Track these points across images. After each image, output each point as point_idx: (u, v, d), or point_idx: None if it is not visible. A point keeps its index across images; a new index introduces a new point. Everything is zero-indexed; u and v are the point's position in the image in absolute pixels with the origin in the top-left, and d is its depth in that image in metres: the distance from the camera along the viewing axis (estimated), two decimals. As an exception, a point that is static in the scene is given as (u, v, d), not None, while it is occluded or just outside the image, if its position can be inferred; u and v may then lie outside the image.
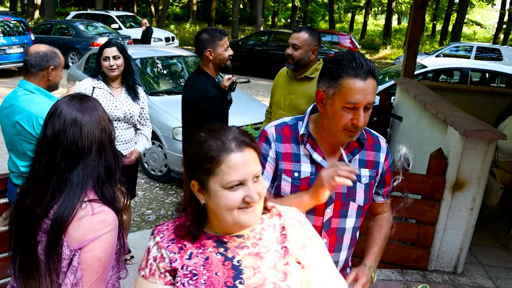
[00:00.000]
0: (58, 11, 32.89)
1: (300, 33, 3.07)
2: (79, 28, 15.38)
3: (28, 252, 1.44)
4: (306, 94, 3.08)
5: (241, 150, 1.22)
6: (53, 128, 1.43)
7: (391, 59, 22.65)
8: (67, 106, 1.45)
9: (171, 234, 1.31)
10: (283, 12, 40.34)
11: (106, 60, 3.34)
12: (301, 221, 1.40)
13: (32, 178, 1.45)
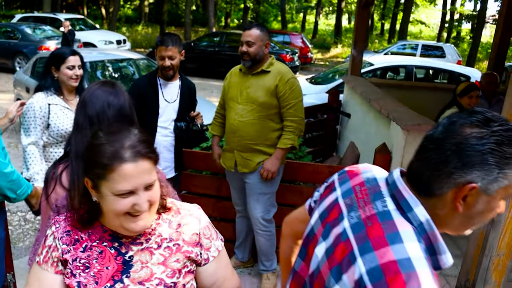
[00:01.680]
0: (3, 14, 31.65)
1: (252, 30, 3.20)
2: (26, 31, 14.87)
3: None
4: (264, 87, 3.19)
5: (135, 161, 1.20)
6: (94, 108, 1.65)
7: (342, 57, 23.17)
8: (102, 91, 1.68)
9: (68, 226, 1.34)
10: (236, 13, 40.45)
11: (71, 69, 3.08)
12: (200, 218, 1.42)
13: None
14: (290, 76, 3.22)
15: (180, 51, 3.29)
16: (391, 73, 8.91)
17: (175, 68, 3.31)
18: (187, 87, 3.48)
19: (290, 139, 3.22)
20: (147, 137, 1.28)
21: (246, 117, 3.24)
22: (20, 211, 5.25)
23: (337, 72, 9.24)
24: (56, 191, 1.67)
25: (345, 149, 5.40)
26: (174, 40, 3.23)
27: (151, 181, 1.24)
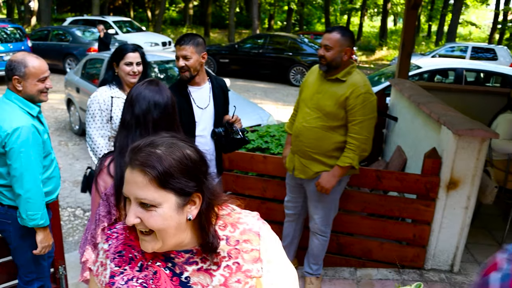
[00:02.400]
0: (55, 17, 32.88)
1: (332, 34, 3.01)
2: (76, 34, 15.41)
3: None
4: (335, 96, 3.02)
5: (131, 167, 1.15)
6: (141, 107, 1.73)
7: (387, 60, 22.74)
8: (148, 90, 1.76)
9: (120, 245, 1.27)
10: (279, 15, 40.43)
11: (129, 66, 3.14)
12: (259, 231, 1.31)
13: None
14: (364, 90, 2.98)
15: (198, 51, 2.96)
16: (439, 76, 8.65)
17: (192, 70, 2.97)
18: (219, 88, 3.22)
19: (349, 157, 3.04)
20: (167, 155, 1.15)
21: (310, 123, 3.12)
22: (70, 207, 5.43)
23: (383, 75, 9.07)
24: (104, 180, 1.77)
25: (391, 153, 5.28)
26: (190, 39, 2.95)
27: (142, 197, 1.13)
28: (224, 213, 1.31)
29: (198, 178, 1.18)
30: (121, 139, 1.77)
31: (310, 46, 14.93)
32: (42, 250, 2.70)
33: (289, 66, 14.50)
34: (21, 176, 2.49)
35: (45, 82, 2.60)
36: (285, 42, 15.27)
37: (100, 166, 1.81)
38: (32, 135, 2.50)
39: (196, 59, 2.95)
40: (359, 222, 3.77)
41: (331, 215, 3.39)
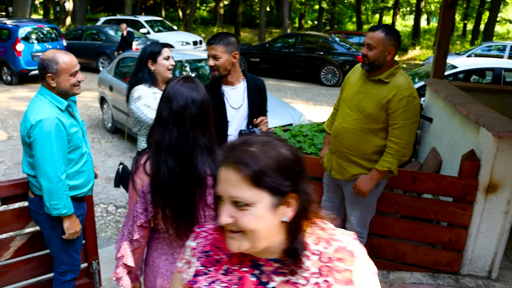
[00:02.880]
0: (88, 17, 33.60)
1: (375, 32, 2.89)
2: (109, 33, 15.69)
3: (187, 204, 1.78)
4: (376, 98, 2.91)
5: (225, 166, 1.12)
6: (178, 104, 1.76)
7: (420, 60, 22.32)
8: (185, 87, 1.79)
9: (208, 245, 1.26)
10: (310, 14, 40.23)
11: (168, 60, 3.25)
12: (354, 251, 1.21)
13: (169, 146, 1.76)
14: (407, 94, 2.85)
15: (229, 51, 2.89)
16: (475, 76, 8.41)
17: (221, 69, 2.91)
18: (255, 87, 3.12)
19: (388, 162, 2.93)
20: (262, 153, 1.11)
21: (349, 125, 3.05)
22: (103, 203, 5.51)
23: (416, 75, 8.89)
24: (141, 178, 1.81)
25: (425, 155, 5.17)
26: (220, 38, 2.89)
27: (235, 195, 1.10)
28: (318, 228, 1.24)
29: (294, 178, 1.12)
30: (157, 135, 1.79)
31: (341, 45, 14.78)
32: (70, 236, 2.77)
33: (320, 66, 14.39)
34: (43, 167, 2.56)
35: (77, 76, 2.68)
36: (316, 42, 15.16)
37: (136, 164, 1.84)
38: (55, 127, 2.56)
39: (226, 58, 2.89)
40: (393, 224, 3.69)
41: (368, 217, 3.32)
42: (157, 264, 1.94)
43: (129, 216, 1.89)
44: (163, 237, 1.91)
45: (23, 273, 3.11)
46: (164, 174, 1.76)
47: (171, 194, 1.77)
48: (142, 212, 1.81)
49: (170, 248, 1.92)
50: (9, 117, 9.56)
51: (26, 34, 13.16)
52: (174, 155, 1.76)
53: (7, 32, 13.27)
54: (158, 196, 1.78)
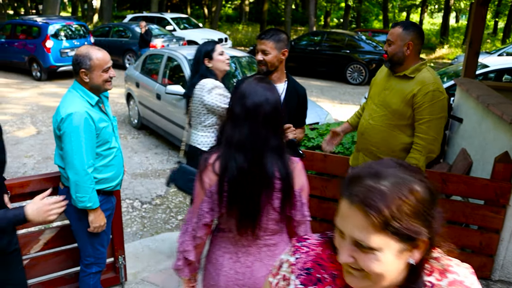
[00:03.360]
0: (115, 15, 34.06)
1: (394, 28, 2.93)
2: (136, 30, 15.83)
3: (252, 203, 1.78)
4: (402, 93, 2.89)
5: (349, 201, 1.00)
6: (252, 101, 1.75)
7: (448, 58, 21.88)
8: (260, 86, 1.79)
9: (309, 262, 1.16)
10: (336, 12, 39.90)
11: (223, 54, 3.44)
12: (471, 286, 1.11)
13: (239, 142, 1.76)
14: (433, 88, 2.81)
15: (278, 47, 2.88)
16: (508, 76, 8.19)
17: (269, 64, 2.91)
18: (294, 92, 3.04)
19: (415, 158, 2.86)
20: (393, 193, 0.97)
21: (376, 121, 3.03)
22: (128, 199, 5.56)
23: (445, 74, 8.70)
24: (209, 177, 1.80)
25: (454, 156, 5.05)
26: (271, 34, 2.90)
27: (360, 239, 0.98)
28: (433, 257, 1.12)
29: (428, 221, 1.00)
30: (228, 131, 1.80)
31: (368, 43, 14.59)
32: (94, 230, 2.81)
33: (346, 64, 14.25)
34: (71, 159, 2.62)
35: (109, 72, 2.75)
36: (342, 40, 15.01)
37: (205, 163, 1.84)
38: (84, 121, 2.61)
39: (275, 55, 2.89)
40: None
41: None
42: (220, 263, 1.96)
43: (193, 213, 1.91)
44: (228, 236, 1.93)
45: (52, 265, 3.16)
46: (232, 169, 1.76)
47: (238, 191, 1.77)
48: (208, 211, 1.83)
49: (234, 247, 1.93)
50: (38, 112, 9.75)
51: (55, 31, 13.41)
52: (243, 152, 1.76)
53: (37, 30, 13.54)
54: (224, 194, 1.78)
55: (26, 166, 6.68)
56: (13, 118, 9.25)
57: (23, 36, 14.10)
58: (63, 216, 3.07)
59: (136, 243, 4.31)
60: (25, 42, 13.73)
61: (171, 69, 7.58)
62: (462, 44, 26.21)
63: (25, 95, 11.51)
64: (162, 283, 3.61)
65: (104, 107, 2.86)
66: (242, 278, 1.92)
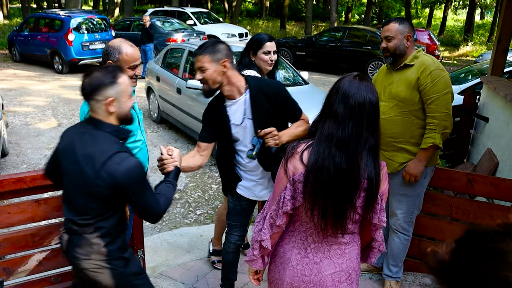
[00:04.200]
0: (136, 9, 34.28)
1: (390, 24, 3.08)
2: (156, 24, 15.89)
3: (342, 202, 1.79)
4: (406, 81, 3.03)
5: None
6: (356, 101, 1.74)
7: (472, 56, 21.49)
8: (364, 86, 1.78)
9: None
10: (357, 8, 39.50)
11: (267, 54, 3.32)
12: None
13: (341, 141, 1.75)
14: (433, 68, 2.96)
15: (216, 60, 2.51)
16: (536, 74, 7.97)
17: (210, 82, 2.54)
18: (262, 98, 2.66)
19: (431, 137, 2.97)
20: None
21: (388, 114, 3.09)
22: (147, 193, 5.57)
23: (469, 72, 8.53)
24: (295, 165, 1.82)
25: (479, 156, 4.93)
26: (205, 47, 2.53)
27: None
28: None
29: None
30: (328, 128, 1.78)
31: (389, 40, 14.39)
32: None
33: (367, 60, 14.08)
34: None
35: (135, 70, 2.73)
36: (364, 36, 14.83)
37: (292, 150, 1.85)
38: None
39: (214, 69, 2.51)
40: (444, 227, 3.53)
41: (415, 212, 3.28)
42: (288, 257, 1.95)
43: (272, 200, 1.91)
44: (299, 230, 1.92)
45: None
46: (329, 168, 1.75)
47: (330, 188, 1.76)
48: (290, 199, 1.82)
49: (303, 243, 1.92)
50: (59, 105, 9.85)
51: (77, 24, 13.54)
52: (344, 151, 1.76)
53: (60, 23, 13.69)
54: (312, 187, 1.77)
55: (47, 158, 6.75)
56: (34, 110, 9.36)
57: (45, 29, 14.27)
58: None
59: (154, 237, 4.31)
60: (48, 35, 13.89)
61: (192, 63, 7.57)
62: (487, 41, 25.71)
63: (46, 87, 11.65)
64: (181, 278, 3.60)
65: None
66: (309, 274, 1.91)
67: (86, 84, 2.09)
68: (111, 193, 2.04)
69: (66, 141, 2.18)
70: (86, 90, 2.08)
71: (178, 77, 7.51)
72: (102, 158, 2.01)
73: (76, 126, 2.24)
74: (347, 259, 1.93)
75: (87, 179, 2.03)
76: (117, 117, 2.14)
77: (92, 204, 2.09)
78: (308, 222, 1.87)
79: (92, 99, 2.08)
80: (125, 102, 2.13)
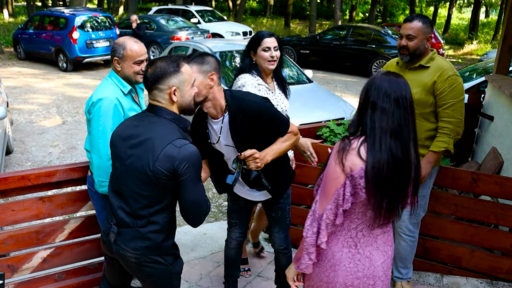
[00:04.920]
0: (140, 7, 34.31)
1: (413, 22, 2.97)
2: (160, 22, 15.91)
3: (401, 191, 1.87)
4: (421, 83, 2.98)
5: None
6: (400, 93, 1.84)
7: (477, 55, 21.39)
8: (401, 79, 1.88)
9: None
10: (361, 6, 39.38)
11: (267, 51, 3.03)
12: None
13: (394, 131, 1.82)
14: (451, 73, 2.94)
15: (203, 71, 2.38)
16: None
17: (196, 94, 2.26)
18: (241, 116, 2.49)
19: (444, 142, 2.97)
20: None
21: None
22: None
23: (474, 70, 8.49)
24: (352, 161, 1.82)
25: (483, 155, 4.91)
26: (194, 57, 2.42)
27: None
28: None
29: None
30: (380, 120, 1.82)
31: (394, 38, 14.34)
32: None
33: (372, 59, 14.04)
34: (96, 143, 2.63)
35: (141, 65, 2.75)
36: (368, 34, 14.79)
37: (347, 147, 1.85)
38: (114, 107, 2.63)
39: (200, 81, 2.36)
40: (448, 226, 3.52)
41: (421, 213, 3.25)
42: (338, 258, 1.94)
43: (324, 199, 1.88)
44: (348, 228, 1.92)
45: (76, 255, 3.18)
46: (388, 159, 1.80)
47: (391, 179, 1.81)
48: (349, 197, 1.83)
49: (353, 240, 1.93)
50: (64, 103, 9.88)
51: (82, 22, 13.57)
52: (398, 140, 1.82)
53: (64, 21, 13.72)
54: (375, 180, 1.80)
55: (52, 156, 6.77)
56: (39, 108, 9.39)
57: (50, 27, 14.32)
58: (88, 205, 3.09)
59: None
60: (52, 33, 13.93)
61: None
62: (492, 39, 25.59)
63: (51, 85, 11.68)
64: (184, 276, 3.60)
65: (138, 98, 2.88)
66: (362, 269, 1.93)
67: (150, 74, 2.08)
68: (166, 179, 2.01)
69: (122, 128, 2.18)
70: (150, 79, 2.08)
71: (182, 75, 7.51)
72: (163, 142, 2.00)
73: (135, 116, 2.24)
74: (390, 245, 2.01)
75: (145, 163, 2.01)
76: (178, 106, 2.15)
77: (145, 191, 2.06)
78: (359, 218, 1.90)
79: (156, 88, 2.08)
80: (187, 91, 2.14)
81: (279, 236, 3.03)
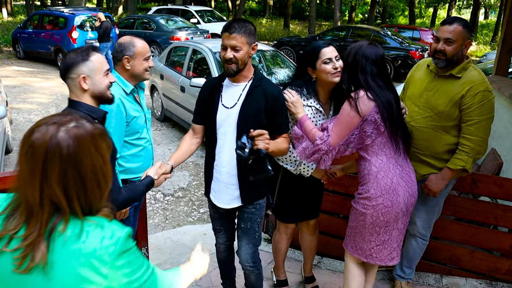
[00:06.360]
0: (140, 7, 34.29)
1: (453, 25, 2.72)
2: (160, 22, 15.91)
3: (404, 124, 2.73)
4: (448, 94, 2.77)
5: None
6: (379, 56, 2.57)
7: (476, 56, 21.42)
8: (378, 47, 2.64)
9: None
10: (361, 7, 39.42)
11: (328, 63, 2.62)
12: None
13: (386, 83, 2.58)
14: (482, 88, 2.70)
15: (249, 42, 2.46)
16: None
17: (240, 63, 2.44)
18: (260, 92, 2.54)
19: (462, 160, 2.79)
20: None
21: (419, 123, 2.91)
22: (151, 190, 5.58)
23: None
24: (365, 103, 2.50)
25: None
26: (241, 26, 2.43)
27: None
28: None
29: None
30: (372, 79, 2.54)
31: (394, 39, 14.36)
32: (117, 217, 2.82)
33: (371, 60, 14.03)
34: None
35: (148, 61, 2.81)
36: (368, 35, 14.81)
37: (356, 96, 2.49)
38: (116, 107, 2.62)
39: (246, 50, 2.45)
40: (447, 226, 3.52)
41: (433, 218, 3.18)
42: (396, 182, 2.56)
43: (337, 137, 2.53)
44: (388, 156, 2.58)
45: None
46: (389, 99, 2.51)
47: (397, 113, 2.55)
48: (372, 132, 2.50)
49: (398, 164, 2.60)
50: (63, 102, 9.87)
51: (81, 22, 13.58)
52: (388, 86, 2.56)
53: (64, 20, 13.72)
54: (389, 115, 2.49)
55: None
56: (38, 107, 9.39)
57: (49, 26, 14.31)
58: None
59: (158, 235, 4.32)
60: (52, 32, 13.93)
61: (195, 62, 7.58)
62: (491, 41, 25.63)
63: (50, 85, 11.68)
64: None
65: (139, 98, 2.89)
66: (410, 186, 2.60)
67: (61, 64, 2.18)
68: None
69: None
70: (62, 69, 2.17)
71: (182, 75, 7.52)
72: None
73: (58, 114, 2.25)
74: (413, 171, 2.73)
75: None
76: (91, 95, 2.18)
77: None
78: (390, 146, 2.54)
79: (68, 78, 2.16)
80: (99, 79, 2.18)
81: (246, 251, 2.79)
